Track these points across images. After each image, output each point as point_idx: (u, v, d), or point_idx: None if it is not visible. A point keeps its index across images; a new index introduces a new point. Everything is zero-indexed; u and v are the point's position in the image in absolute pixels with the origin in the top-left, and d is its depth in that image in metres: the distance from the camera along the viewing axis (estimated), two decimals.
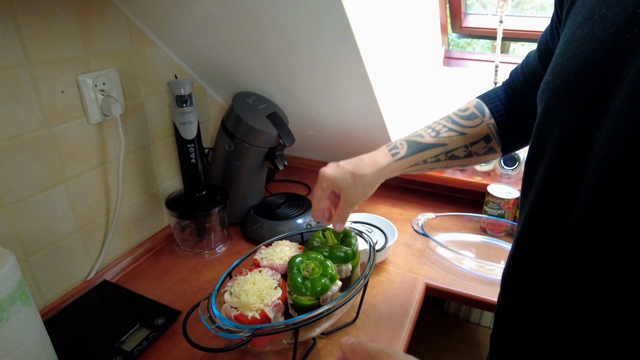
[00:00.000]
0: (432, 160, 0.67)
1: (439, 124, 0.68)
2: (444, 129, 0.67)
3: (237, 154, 0.99)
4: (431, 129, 0.68)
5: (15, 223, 0.72)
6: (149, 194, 0.99)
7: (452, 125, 0.68)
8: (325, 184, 0.67)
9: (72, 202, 0.81)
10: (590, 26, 0.37)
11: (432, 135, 0.67)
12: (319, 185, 0.68)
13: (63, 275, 0.83)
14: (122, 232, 0.94)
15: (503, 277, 0.55)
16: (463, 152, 0.67)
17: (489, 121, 0.67)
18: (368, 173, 0.66)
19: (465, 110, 0.69)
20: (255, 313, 0.60)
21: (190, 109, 0.87)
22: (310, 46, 0.83)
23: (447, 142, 0.67)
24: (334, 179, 0.66)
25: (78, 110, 0.79)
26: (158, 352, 0.72)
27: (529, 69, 0.62)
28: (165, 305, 0.81)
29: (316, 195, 0.69)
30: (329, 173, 0.67)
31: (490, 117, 0.67)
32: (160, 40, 0.94)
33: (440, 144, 0.67)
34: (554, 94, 0.41)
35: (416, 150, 0.67)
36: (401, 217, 1.11)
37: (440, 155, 0.67)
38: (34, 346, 0.60)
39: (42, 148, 0.74)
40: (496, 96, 0.68)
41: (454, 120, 0.68)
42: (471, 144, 0.67)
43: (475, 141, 0.67)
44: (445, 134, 0.67)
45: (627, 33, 0.33)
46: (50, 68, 0.73)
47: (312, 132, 1.20)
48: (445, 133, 0.67)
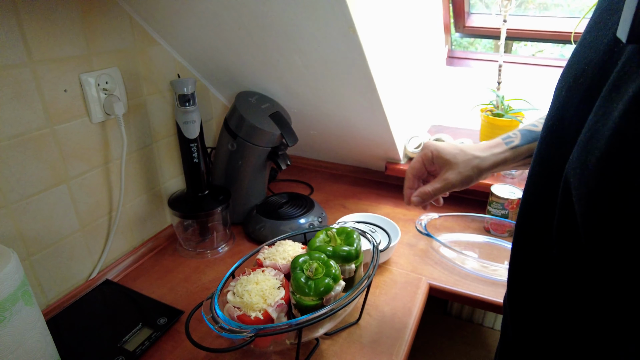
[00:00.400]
0: None
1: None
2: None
3: (239, 153, 0.99)
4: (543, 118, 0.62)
5: (18, 222, 0.72)
6: (152, 193, 0.99)
7: None
8: (430, 154, 0.60)
9: (75, 201, 0.81)
10: (595, 32, 0.37)
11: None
12: (421, 155, 0.61)
13: (65, 274, 0.82)
14: (124, 232, 0.94)
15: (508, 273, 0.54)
16: None
17: None
18: (481, 155, 0.59)
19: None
20: (258, 313, 0.60)
21: (193, 108, 0.86)
22: (314, 45, 0.82)
23: None
24: (442, 151, 0.59)
25: (80, 109, 0.79)
26: (160, 352, 0.71)
27: None
28: (168, 305, 0.81)
29: (413, 166, 0.62)
30: (436, 144, 0.60)
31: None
32: (163, 39, 0.93)
33: None
34: (559, 92, 0.42)
35: (530, 139, 0.60)
36: (404, 217, 1.11)
37: None
38: (36, 345, 0.60)
39: (44, 147, 0.74)
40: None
41: None
42: None
43: None
44: None
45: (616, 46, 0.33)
46: (52, 67, 0.73)
47: (315, 131, 1.19)
48: None
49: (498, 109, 1.21)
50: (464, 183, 0.60)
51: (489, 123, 1.19)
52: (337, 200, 1.19)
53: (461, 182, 0.59)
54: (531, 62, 1.33)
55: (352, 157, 1.30)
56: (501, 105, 1.20)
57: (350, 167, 1.35)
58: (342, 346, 0.72)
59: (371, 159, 1.26)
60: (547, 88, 1.24)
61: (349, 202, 1.19)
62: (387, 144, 1.12)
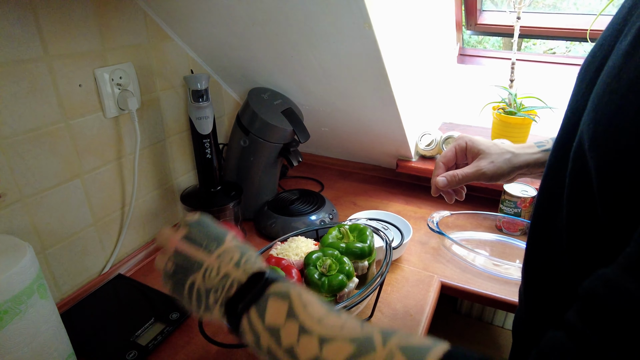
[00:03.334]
0: None
1: None
2: None
3: (251, 149, 0.99)
4: None
5: (33, 216, 0.73)
6: (164, 188, 0.99)
7: None
8: (464, 143, 0.60)
9: (88, 195, 0.81)
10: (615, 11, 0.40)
11: None
12: (456, 145, 0.61)
13: (79, 268, 0.83)
14: (137, 227, 0.94)
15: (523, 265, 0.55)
16: None
17: None
18: (514, 151, 0.59)
19: None
20: None
21: (206, 104, 0.86)
22: (329, 41, 0.82)
23: None
24: (475, 140, 0.60)
25: (95, 104, 0.79)
26: (172, 347, 0.72)
27: None
28: None
29: (445, 154, 0.62)
30: (470, 136, 0.61)
31: None
32: (177, 35, 0.94)
33: None
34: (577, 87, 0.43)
35: None
36: (415, 214, 1.10)
37: None
38: (50, 339, 0.60)
39: (59, 141, 0.74)
40: None
41: None
42: None
43: None
44: None
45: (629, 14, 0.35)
46: (68, 62, 0.73)
47: (327, 128, 1.19)
48: None
49: (510, 107, 1.19)
50: (495, 175, 0.59)
51: (500, 121, 1.18)
52: (348, 197, 1.19)
53: (493, 172, 0.58)
54: (543, 59, 1.31)
55: (363, 154, 1.30)
56: (513, 103, 1.19)
57: (361, 164, 1.34)
58: None
59: (382, 156, 1.25)
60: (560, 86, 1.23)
61: (360, 199, 1.18)
62: (398, 141, 1.11)
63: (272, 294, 0.36)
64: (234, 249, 0.42)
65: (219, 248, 0.42)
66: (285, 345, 0.33)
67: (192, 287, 0.41)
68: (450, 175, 0.61)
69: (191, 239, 0.43)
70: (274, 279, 0.38)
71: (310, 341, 0.32)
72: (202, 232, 0.43)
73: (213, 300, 0.39)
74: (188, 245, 0.42)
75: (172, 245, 0.43)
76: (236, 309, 0.36)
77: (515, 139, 1.13)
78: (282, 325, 0.34)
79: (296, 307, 0.34)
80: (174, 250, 0.43)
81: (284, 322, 0.34)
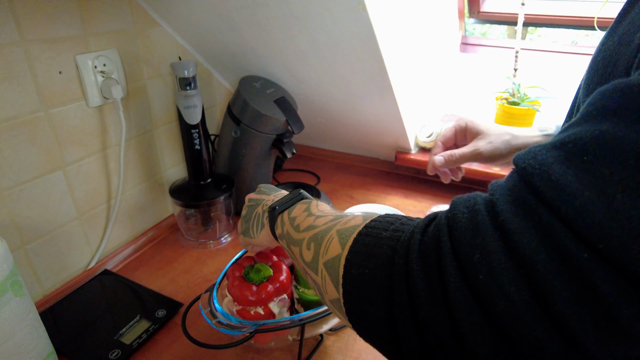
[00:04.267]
0: None
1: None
2: None
3: (243, 140, 0.95)
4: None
5: (12, 209, 0.69)
6: (152, 181, 0.96)
7: None
8: (463, 123, 0.62)
9: (72, 188, 0.78)
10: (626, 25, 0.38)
11: None
12: (456, 124, 0.62)
13: (62, 264, 0.80)
14: (124, 221, 0.91)
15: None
16: None
17: None
18: (514, 133, 0.60)
19: None
20: (258, 308, 0.56)
21: (194, 92, 0.82)
22: (321, 24, 0.78)
23: None
24: (476, 120, 0.61)
25: (77, 92, 0.75)
26: (158, 346, 0.69)
27: None
28: (167, 296, 0.78)
29: (445, 134, 0.64)
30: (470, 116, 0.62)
31: None
32: (164, 20, 0.90)
33: None
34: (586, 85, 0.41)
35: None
36: (414, 208, 1.06)
37: None
38: (27, 338, 0.57)
39: (38, 131, 0.71)
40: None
41: None
42: None
43: None
44: None
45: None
46: (46, 47, 0.69)
47: (322, 119, 1.15)
48: None
49: (514, 97, 1.15)
50: (492, 156, 0.59)
51: (504, 111, 1.14)
52: (345, 190, 1.15)
53: (490, 152, 0.59)
54: (548, 49, 1.27)
55: (361, 146, 1.26)
56: (517, 93, 1.15)
57: (358, 156, 1.30)
58: (348, 343, 0.68)
59: (380, 148, 1.21)
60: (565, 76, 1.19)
61: (357, 192, 1.15)
62: (397, 132, 1.07)
63: (300, 202, 0.49)
64: (285, 192, 0.55)
65: (277, 192, 0.57)
66: (295, 224, 0.45)
67: (256, 216, 0.55)
68: (448, 154, 0.62)
69: (258, 191, 0.60)
70: (305, 197, 0.50)
71: (309, 218, 0.44)
72: (267, 188, 0.60)
73: (265, 217, 0.52)
74: (256, 194, 0.60)
75: (247, 198, 0.60)
76: (273, 210, 0.49)
77: None
78: (298, 216, 0.46)
79: (311, 206, 0.47)
80: (248, 199, 0.60)
81: (300, 214, 0.46)
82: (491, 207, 0.27)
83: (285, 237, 0.46)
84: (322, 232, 0.39)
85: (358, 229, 0.35)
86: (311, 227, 0.42)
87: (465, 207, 0.29)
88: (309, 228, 0.42)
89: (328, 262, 0.36)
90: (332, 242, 0.37)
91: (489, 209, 0.27)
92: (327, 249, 0.37)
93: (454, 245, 0.27)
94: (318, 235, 0.40)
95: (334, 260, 0.35)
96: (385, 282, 0.30)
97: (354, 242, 0.34)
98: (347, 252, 0.34)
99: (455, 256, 0.27)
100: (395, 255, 0.30)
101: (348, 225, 0.37)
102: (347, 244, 0.35)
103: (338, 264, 0.35)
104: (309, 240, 0.41)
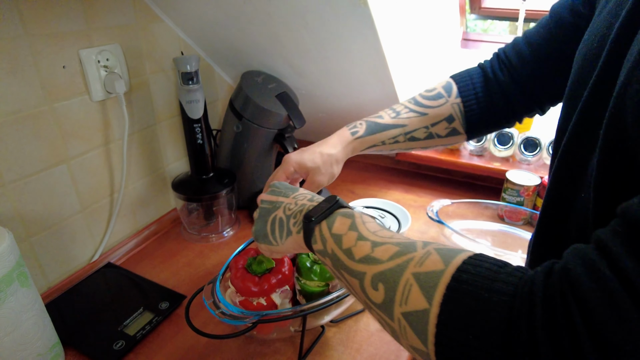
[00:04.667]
0: (391, 141, 0.67)
1: (401, 105, 0.68)
2: (405, 110, 0.67)
3: (245, 135, 0.96)
4: (392, 110, 0.68)
5: (17, 202, 0.70)
6: (155, 175, 0.97)
7: (414, 106, 0.67)
8: (292, 168, 0.65)
9: (75, 181, 0.79)
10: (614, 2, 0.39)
11: (392, 115, 0.67)
12: (284, 171, 0.65)
13: (66, 256, 0.81)
14: (127, 214, 0.91)
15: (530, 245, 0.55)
16: (423, 134, 0.67)
17: (454, 101, 0.66)
18: (334, 152, 0.66)
19: (432, 90, 0.68)
20: (261, 299, 0.57)
21: (196, 87, 0.83)
22: (323, 19, 0.78)
23: (407, 122, 0.66)
24: (302, 161, 0.65)
25: (80, 86, 0.76)
26: (161, 337, 0.70)
27: (536, 34, 0.61)
28: (170, 289, 0.79)
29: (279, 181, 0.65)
30: (295, 157, 0.65)
31: (457, 96, 0.66)
32: (167, 15, 0.90)
33: (400, 125, 0.66)
34: (589, 50, 0.43)
35: (374, 131, 0.66)
36: (415, 203, 1.07)
37: (399, 136, 0.66)
38: (33, 328, 0.58)
39: (43, 125, 0.71)
40: (468, 75, 0.67)
41: (417, 101, 0.68)
42: (432, 125, 0.67)
43: (436, 122, 0.66)
44: (405, 115, 0.67)
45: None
46: (50, 42, 0.70)
47: (323, 114, 1.15)
48: (405, 114, 0.67)
49: None
50: (330, 179, 0.68)
51: None
52: (345, 185, 1.16)
53: (328, 179, 0.67)
54: None
55: None
56: None
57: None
58: (349, 334, 0.69)
59: None
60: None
61: (358, 187, 1.15)
62: None
63: (339, 214, 0.45)
64: (305, 192, 0.52)
65: (295, 192, 0.53)
66: (345, 247, 0.41)
67: (275, 220, 0.51)
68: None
69: (273, 192, 0.54)
70: (342, 205, 0.46)
71: (364, 244, 0.39)
72: (282, 186, 0.55)
73: (292, 224, 0.49)
74: (271, 195, 0.54)
75: (260, 199, 0.55)
76: (309, 222, 0.45)
77: (520, 127, 1.10)
78: (344, 234, 0.42)
79: (357, 223, 0.42)
80: (260, 201, 0.55)
81: (346, 232, 0.42)
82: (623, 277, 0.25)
83: (330, 257, 0.42)
84: (391, 273, 0.35)
85: (442, 279, 0.31)
86: (371, 259, 0.37)
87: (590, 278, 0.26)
88: (368, 260, 0.38)
89: (410, 313, 0.32)
90: (412, 292, 0.32)
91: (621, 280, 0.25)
92: (406, 299, 0.33)
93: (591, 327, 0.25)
94: (386, 275, 0.35)
95: (418, 315, 0.31)
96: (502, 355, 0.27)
97: (446, 299, 0.30)
98: (439, 310, 0.30)
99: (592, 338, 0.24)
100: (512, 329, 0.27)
101: (425, 268, 0.33)
102: (434, 299, 0.31)
103: (426, 320, 0.31)
104: (375, 278, 0.36)
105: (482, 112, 0.65)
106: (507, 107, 0.64)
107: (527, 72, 0.61)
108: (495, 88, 0.64)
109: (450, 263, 0.32)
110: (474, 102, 0.65)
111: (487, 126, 0.67)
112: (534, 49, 0.60)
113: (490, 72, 0.65)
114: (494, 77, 0.64)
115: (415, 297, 0.32)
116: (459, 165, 1.10)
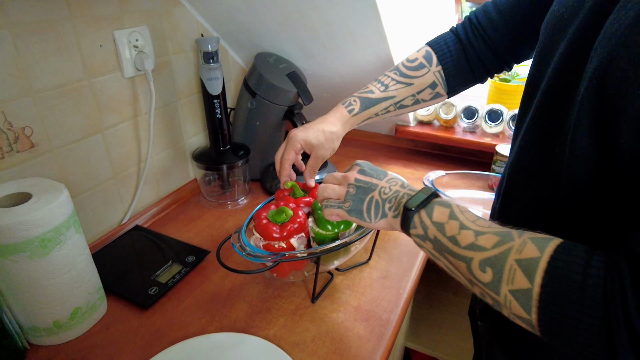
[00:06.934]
0: (383, 112, 0.75)
1: (388, 77, 0.75)
2: (392, 82, 0.74)
3: (258, 111, 1.05)
4: (380, 83, 0.74)
5: (62, 166, 0.79)
6: (176, 148, 1.06)
7: (400, 77, 0.74)
8: (299, 145, 0.73)
9: (109, 150, 0.88)
10: None
11: (381, 89, 0.74)
12: (291, 147, 0.73)
13: (100, 218, 0.90)
14: (152, 182, 1.01)
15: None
16: (411, 101, 0.75)
17: (435, 69, 0.73)
18: (335, 129, 0.74)
19: (414, 60, 0.74)
20: (281, 243, 0.67)
21: (216, 65, 0.92)
22: (331, 2, 0.87)
23: (395, 94, 0.73)
24: (307, 138, 0.73)
25: (114, 63, 0.85)
26: (189, 285, 0.79)
27: (505, 2, 0.67)
28: (195, 245, 0.88)
29: (288, 158, 0.74)
30: (301, 134, 0.73)
31: (437, 64, 0.73)
32: (187, 1, 0.98)
33: (389, 97, 0.74)
34: (559, 20, 0.48)
35: (368, 106, 0.73)
36: (412, 176, 1.17)
37: (390, 107, 0.74)
38: (84, 269, 0.68)
39: (82, 98, 0.80)
40: (444, 42, 0.74)
41: (402, 72, 0.74)
42: (418, 93, 0.74)
43: (421, 89, 0.74)
44: (393, 87, 0.73)
45: None
46: (90, 23, 0.78)
47: (328, 94, 1.24)
48: (393, 86, 0.74)
49: (505, 75, 1.25)
50: (332, 153, 0.76)
51: (496, 88, 1.24)
52: (349, 161, 1.26)
53: (330, 153, 0.76)
54: None
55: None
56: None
57: (362, 131, 1.40)
58: (354, 281, 0.79)
59: (381, 123, 1.31)
60: None
61: None
62: None
63: (437, 202, 0.49)
64: (395, 177, 0.57)
65: (386, 177, 0.57)
66: (449, 234, 0.45)
67: (371, 201, 0.55)
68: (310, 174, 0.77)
69: (364, 172, 0.58)
70: (438, 195, 0.51)
71: (467, 233, 0.44)
72: (370, 168, 0.59)
73: (388, 207, 0.53)
74: (364, 176, 0.57)
75: (352, 176, 0.58)
76: (409, 211, 0.49)
77: (510, 105, 1.19)
78: (445, 222, 0.46)
79: (456, 212, 0.47)
80: (354, 179, 0.57)
81: (447, 220, 0.46)
82: None
83: (432, 242, 0.47)
84: (497, 259, 0.40)
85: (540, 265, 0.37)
86: (477, 247, 0.42)
87: None
88: (474, 247, 0.42)
89: (516, 291, 0.38)
90: (517, 275, 0.38)
91: None
92: (512, 279, 0.39)
93: None
94: (492, 261, 0.41)
95: (522, 292, 0.38)
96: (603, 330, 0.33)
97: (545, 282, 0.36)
98: (540, 290, 0.37)
99: None
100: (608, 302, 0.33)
101: (525, 255, 0.38)
102: (534, 281, 0.37)
103: (530, 296, 0.37)
104: (483, 263, 0.41)
105: (459, 75, 0.73)
106: (481, 68, 0.72)
107: (497, 36, 0.68)
108: (470, 52, 0.71)
109: (545, 251, 0.38)
110: (452, 68, 0.73)
111: (464, 85, 0.75)
112: (503, 14, 0.67)
113: (464, 37, 0.72)
114: (467, 42, 0.71)
115: (520, 279, 0.38)
116: (453, 141, 1.20)
